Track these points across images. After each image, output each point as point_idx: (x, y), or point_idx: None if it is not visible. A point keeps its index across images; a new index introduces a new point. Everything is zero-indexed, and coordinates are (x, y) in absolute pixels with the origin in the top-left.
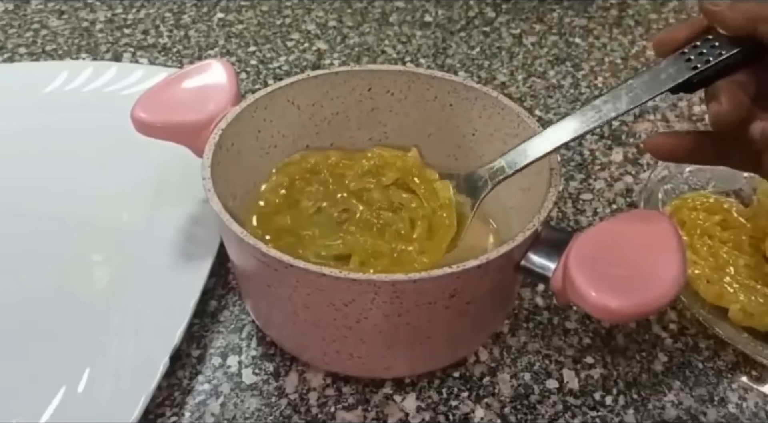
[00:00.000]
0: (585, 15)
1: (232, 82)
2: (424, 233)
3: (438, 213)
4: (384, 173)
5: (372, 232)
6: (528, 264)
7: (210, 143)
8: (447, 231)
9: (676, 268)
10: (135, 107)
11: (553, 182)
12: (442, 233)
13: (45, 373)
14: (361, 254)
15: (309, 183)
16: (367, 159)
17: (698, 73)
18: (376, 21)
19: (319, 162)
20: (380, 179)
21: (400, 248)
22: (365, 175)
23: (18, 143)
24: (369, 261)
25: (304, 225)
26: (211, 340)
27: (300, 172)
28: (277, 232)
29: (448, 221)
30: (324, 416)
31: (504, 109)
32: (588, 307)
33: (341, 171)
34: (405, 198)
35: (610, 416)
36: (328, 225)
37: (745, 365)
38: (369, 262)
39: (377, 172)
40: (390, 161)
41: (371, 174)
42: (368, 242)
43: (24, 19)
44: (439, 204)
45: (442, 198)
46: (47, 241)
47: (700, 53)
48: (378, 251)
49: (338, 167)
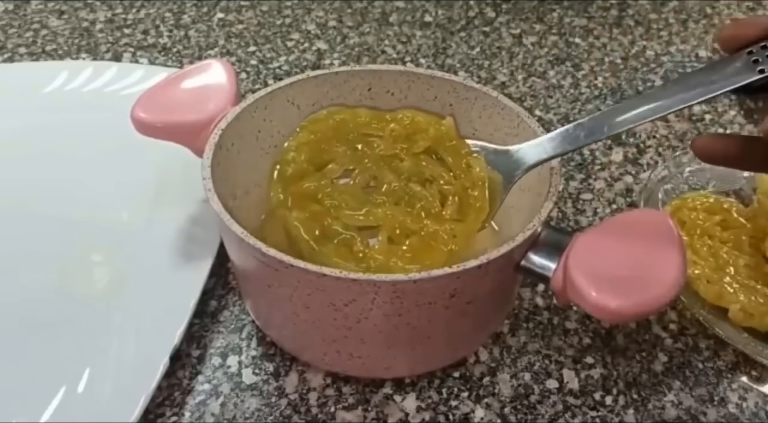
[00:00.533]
0: (585, 15)
1: (232, 82)
2: (454, 213)
3: (469, 191)
4: (416, 140)
5: (401, 206)
6: (528, 264)
7: (210, 143)
8: (479, 213)
9: (676, 269)
10: (135, 107)
11: (553, 182)
12: (473, 217)
13: (45, 373)
14: (389, 230)
15: (336, 143)
16: (399, 122)
17: (764, 78)
18: (376, 21)
19: (347, 120)
20: (411, 146)
21: (431, 228)
22: (396, 140)
23: (18, 143)
24: (398, 239)
25: (329, 191)
26: (211, 340)
27: (327, 129)
28: (301, 199)
29: (480, 203)
30: (324, 416)
31: (504, 109)
32: (588, 307)
33: (371, 132)
34: (436, 171)
35: (610, 416)
36: (356, 193)
37: (745, 365)
38: (398, 240)
39: (409, 138)
40: (423, 127)
41: (402, 139)
42: (397, 218)
43: (24, 19)
44: (471, 181)
45: (474, 175)
46: (47, 241)
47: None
48: (407, 228)
49: (368, 128)
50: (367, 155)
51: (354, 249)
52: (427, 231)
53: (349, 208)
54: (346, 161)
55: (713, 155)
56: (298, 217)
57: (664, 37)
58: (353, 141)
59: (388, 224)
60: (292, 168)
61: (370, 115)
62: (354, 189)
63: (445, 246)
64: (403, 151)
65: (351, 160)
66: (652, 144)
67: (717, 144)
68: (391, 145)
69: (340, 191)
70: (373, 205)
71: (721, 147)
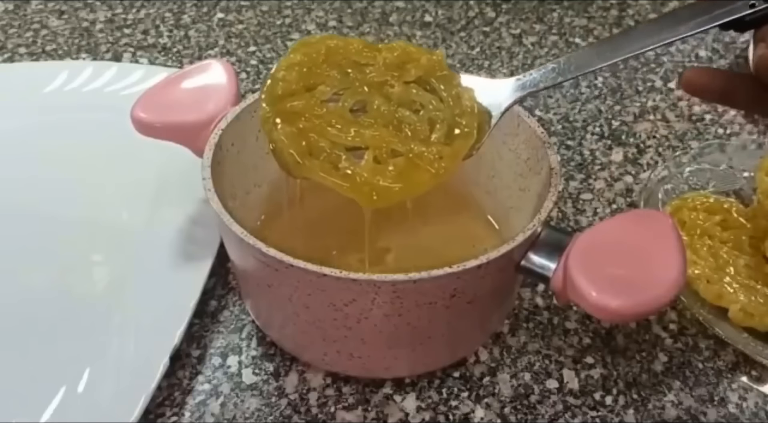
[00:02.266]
0: (585, 15)
1: (232, 82)
2: (442, 137)
3: (458, 119)
4: (407, 69)
5: (389, 129)
6: (528, 264)
7: (210, 143)
8: (466, 138)
9: (676, 269)
10: (135, 107)
11: (553, 182)
12: (461, 140)
13: (45, 373)
14: (376, 150)
15: (327, 67)
16: (390, 51)
17: (753, 13)
18: (376, 21)
19: (339, 46)
20: (403, 74)
21: (418, 149)
22: (388, 68)
23: (18, 143)
24: (384, 159)
25: (318, 111)
26: (211, 340)
27: (318, 54)
28: (289, 115)
29: (468, 129)
30: (324, 416)
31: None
32: (588, 307)
33: (362, 60)
34: (426, 98)
35: (610, 416)
36: (344, 114)
37: (745, 365)
38: (384, 160)
39: (400, 66)
40: (415, 57)
41: (394, 67)
42: (384, 138)
43: (24, 19)
44: (460, 109)
45: (464, 104)
46: (47, 241)
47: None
48: (394, 150)
49: (360, 55)
50: (358, 79)
51: (340, 165)
52: (414, 152)
53: (336, 127)
54: (336, 84)
55: (700, 88)
56: (285, 131)
57: None
58: (344, 66)
59: (375, 144)
60: (281, 87)
61: (363, 44)
62: (342, 110)
63: (431, 167)
64: (394, 78)
65: (341, 83)
66: (652, 144)
67: (704, 77)
68: (382, 71)
69: (329, 111)
70: (360, 125)
71: (708, 80)
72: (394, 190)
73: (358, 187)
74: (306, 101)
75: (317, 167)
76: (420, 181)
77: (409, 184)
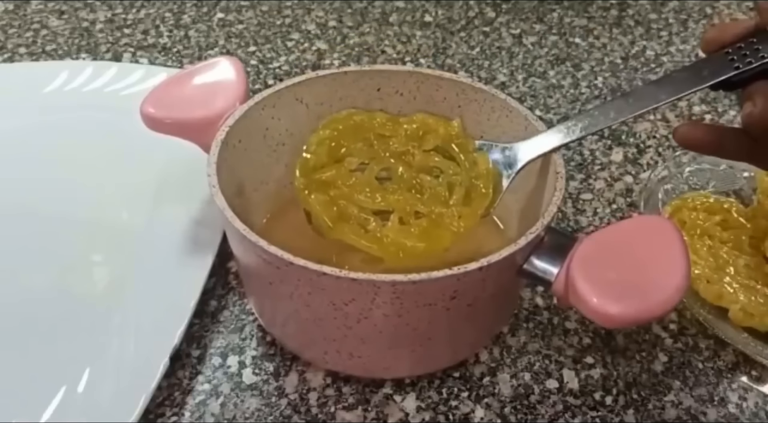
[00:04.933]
0: (585, 15)
1: (241, 79)
2: (461, 199)
3: (475, 182)
4: (426, 139)
5: (412, 193)
6: (530, 268)
7: (216, 140)
8: (483, 198)
9: (679, 276)
10: (144, 103)
11: (557, 186)
12: (478, 201)
13: (45, 373)
14: (401, 212)
15: (354, 140)
16: (411, 123)
17: (739, 73)
18: (376, 21)
19: (365, 121)
20: (422, 144)
21: (439, 210)
22: (409, 138)
23: (18, 143)
24: (408, 220)
25: (347, 180)
26: (211, 340)
27: (346, 128)
28: (321, 185)
29: (485, 190)
30: (324, 416)
31: (512, 111)
32: (589, 312)
33: (386, 132)
34: (445, 164)
35: (610, 416)
36: (370, 182)
37: (745, 365)
38: (408, 221)
39: (420, 136)
40: (433, 127)
41: (414, 138)
42: (408, 201)
43: (24, 19)
44: (476, 173)
45: (481, 168)
46: (47, 241)
47: (743, 54)
48: (417, 212)
49: (384, 128)
50: (382, 150)
51: (368, 228)
52: (436, 213)
53: (364, 193)
54: (362, 155)
55: (692, 143)
56: (317, 199)
57: (664, 37)
58: (369, 139)
59: (399, 207)
60: (313, 160)
61: (385, 117)
62: (369, 178)
63: (452, 226)
64: (414, 147)
65: (367, 153)
66: (652, 144)
67: (697, 132)
68: (404, 142)
69: (357, 180)
70: (386, 191)
71: (701, 135)
72: (419, 248)
73: (386, 248)
74: (336, 171)
75: (348, 231)
76: (442, 239)
77: (431, 242)
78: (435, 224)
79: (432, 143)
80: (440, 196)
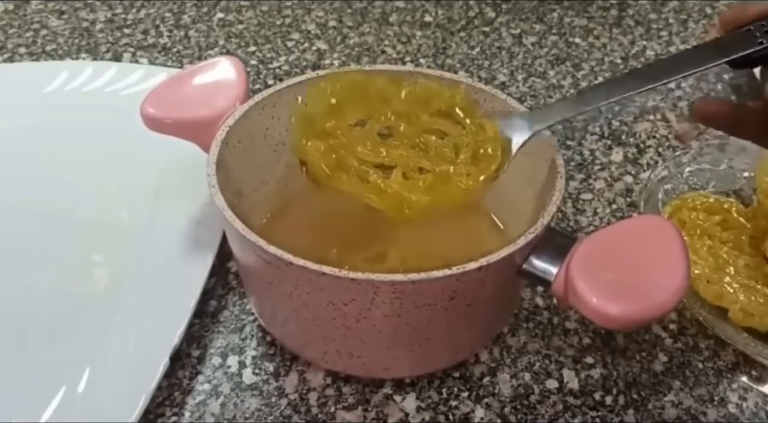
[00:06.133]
0: (585, 15)
1: (242, 79)
2: (468, 159)
3: (482, 144)
4: (431, 103)
5: (415, 151)
6: (530, 267)
7: (216, 140)
8: (491, 160)
9: (679, 276)
10: (144, 103)
11: (557, 186)
12: (486, 161)
13: (45, 373)
14: (404, 167)
15: (354, 98)
16: (414, 86)
17: (762, 49)
18: (376, 21)
19: (366, 80)
20: (427, 107)
21: (445, 167)
22: (412, 101)
23: (18, 143)
24: (412, 175)
25: (347, 132)
26: (211, 340)
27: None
28: (318, 133)
29: (492, 152)
30: (324, 416)
31: (513, 112)
32: (589, 313)
33: (387, 95)
34: (450, 126)
35: (610, 416)
36: (371, 136)
37: (745, 365)
38: (412, 176)
39: (424, 100)
40: (438, 92)
41: (418, 102)
42: (412, 158)
43: (24, 19)
44: (483, 138)
45: (488, 133)
46: (47, 241)
47: (766, 31)
48: (422, 168)
49: (385, 91)
50: (384, 111)
51: (369, 179)
52: (442, 169)
53: (364, 145)
54: (362, 112)
55: (709, 115)
56: (315, 146)
57: (664, 37)
58: (370, 98)
59: (403, 162)
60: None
61: (387, 80)
62: (370, 132)
63: (461, 183)
64: (418, 109)
65: (368, 112)
66: (652, 144)
67: (712, 106)
68: (407, 105)
69: (357, 132)
70: (388, 146)
71: (717, 108)
72: (423, 202)
73: (388, 199)
74: (336, 122)
75: (347, 180)
76: (449, 194)
77: (438, 197)
78: (442, 180)
79: (436, 106)
80: (446, 155)
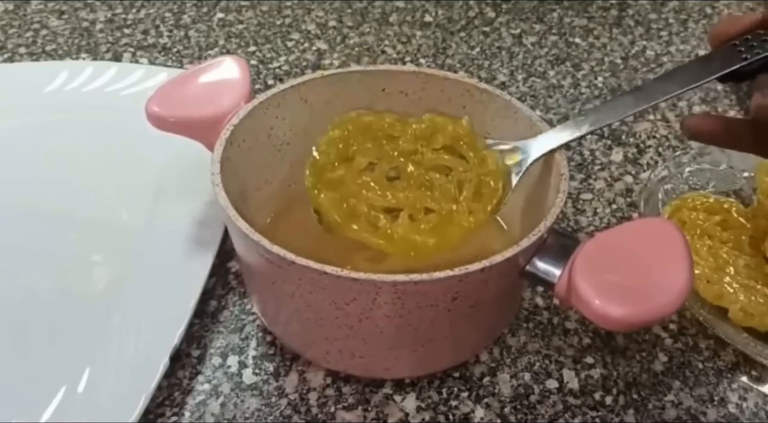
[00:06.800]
0: (585, 15)
1: (246, 78)
2: (470, 195)
3: (484, 179)
4: (435, 138)
5: (421, 191)
6: (533, 269)
7: (221, 139)
8: (493, 194)
9: (682, 279)
10: (150, 102)
11: (561, 188)
12: (488, 197)
13: (45, 373)
14: (410, 209)
15: (363, 141)
16: (419, 123)
17: (747, 64)
18: (376, 21)
19: (374, 121)
20: (431, 143)
21: (449, 206)
22: (418, 138)
23: (18, 143)
24: (418, 216)
25: (356, 179)
26: (211, 340)
27: (355, 129)
28: (330, 183)
29: (494, 185)
30: (324, 416)
31: (517, 112)
32: (591, 315)
33: (395, 133)
34: (454, 162)
35: (610, 416)
36: (380, 180)
37: (745, 365)
38: (418, 218)
39: (429, 135)
40: (442, 126)
41: (423, 137)
42: (418, 199)
43: (24, 19)
44: (486, 170)
45: (490, 165)
46: (47, 241)
47: (751, 45)
48: (428, 208)
49: (393, 129)
50: (391, 149)
51: (378, 225)
52: (446, 209)
53: (373, 191)
54: (371, 155)
55: (706, 134)
56: (327, 197)
57: (664, 37)
58: (379, 139)
59: (409, 204)
60: (323, 160)
61: (394, 117)
62: (378, 176)
63: (463, 222)
64: (423, 146)
65: (376, 153)
66: (652, 144)
67: (706, 123)
68: (413, 141)
69: (366, 178)
70: (395, 189)
71: (710, 126)
72: (429, 244)
73: (395, 244)
74: (345, 170)
75: (358, 228)
76: (452, 235)
77: (442, 238)
78: (445, 220)
79: (441, 142)
80: (450, 192)
